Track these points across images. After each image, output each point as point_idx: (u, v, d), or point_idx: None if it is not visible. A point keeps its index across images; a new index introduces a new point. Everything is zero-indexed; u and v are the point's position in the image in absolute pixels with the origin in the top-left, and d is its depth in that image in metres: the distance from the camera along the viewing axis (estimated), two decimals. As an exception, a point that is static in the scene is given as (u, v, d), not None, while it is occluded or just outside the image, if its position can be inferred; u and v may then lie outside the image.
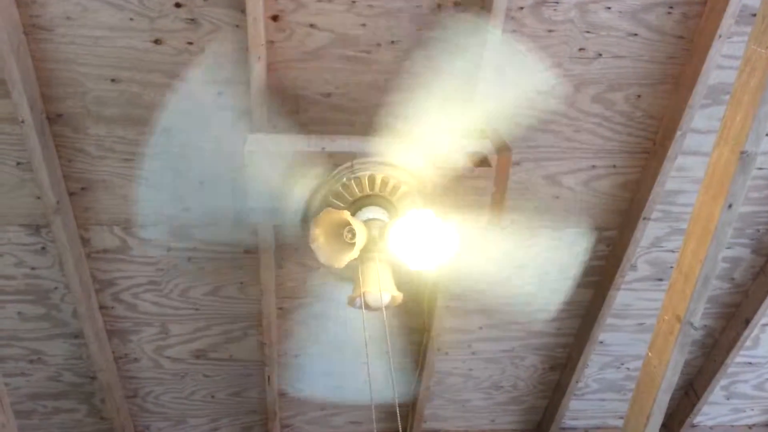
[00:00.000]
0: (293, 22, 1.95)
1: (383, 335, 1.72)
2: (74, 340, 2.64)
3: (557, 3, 1.97)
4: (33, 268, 2.41)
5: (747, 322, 2.84)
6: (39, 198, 2.19)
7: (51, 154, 2.11)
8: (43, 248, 2.35)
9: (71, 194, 2.24)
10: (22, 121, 1.96)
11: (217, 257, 2.48)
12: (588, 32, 2.04)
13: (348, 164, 1.92)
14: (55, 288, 2.47)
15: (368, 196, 1.91)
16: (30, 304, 2.52)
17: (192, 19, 1.92)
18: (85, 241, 2.37)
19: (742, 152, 1.68)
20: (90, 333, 2.53)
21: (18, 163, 2.14)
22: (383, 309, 1.76)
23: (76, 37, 1.92)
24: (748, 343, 2.96)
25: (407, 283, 2.24)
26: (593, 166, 2.35)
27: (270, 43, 1.97)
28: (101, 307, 2.57)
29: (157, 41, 1.95)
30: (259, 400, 3.00)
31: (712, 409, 3.33)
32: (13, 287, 2.46)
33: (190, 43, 1.96)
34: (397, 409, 1.83)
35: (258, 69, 1.97)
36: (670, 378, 2.02)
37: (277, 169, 1.92)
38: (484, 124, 2.14)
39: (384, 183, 1.90)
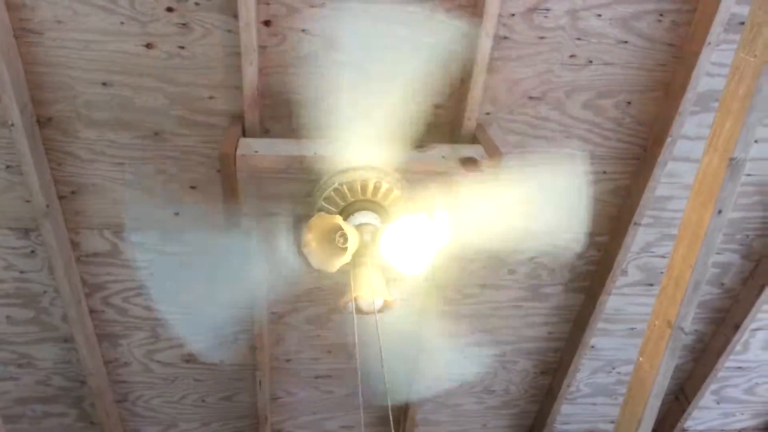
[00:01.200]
0: (286, 27, 1.95)
1: (375, 340, 1.72)
2: (64, 344, 2.63)
3: (548, 10, 1.98)
4: (22, 272, 2.40)
5: (737, 326, 2.86)
6: (28, 201, 2.18)
7: (41, 158, 2.10)
8: (33, 252, 2.34)
9: (61, 198, 2.23)
10: (12, 125, 1.95)
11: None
12: (579, 39, 2.05)
13: (340, 169, 1.92)
14: (45, 292, 2.46)
15: (360, 200, 1.91)
16: (19, 308, 2.51)
17: (184, 24, 1.92)
18: (75, 245, 2.36)
19: (731, 159, 1.69)
20: (80, 337, 2.52)
21: (7, 167, 2.12)
22: (375, 314, 1.76)
23: (66, 40, 1.92)
24: (738, 347, 2.97)
25: (399, 287, 2.25)
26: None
27: (262, 47, 1.97)
28: (91, 311, 2.55)
29: (148, 45, 1.95)
30: (250, 404, 2.99)
31: (703, 414, 3.34)
32: (2, 291, 2.45)
33: (182, 48, 1.96)
34: (390, 413, 1.83)
35: (250, 73, 1.96)
36: (660, 382, 2.03)
37: (269, 174, 1.92)
38: (476, 128, 2.15)
39: (376, 188, 1.90)
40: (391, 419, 1.77)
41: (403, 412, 3.08)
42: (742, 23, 2.00)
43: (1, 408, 2.79)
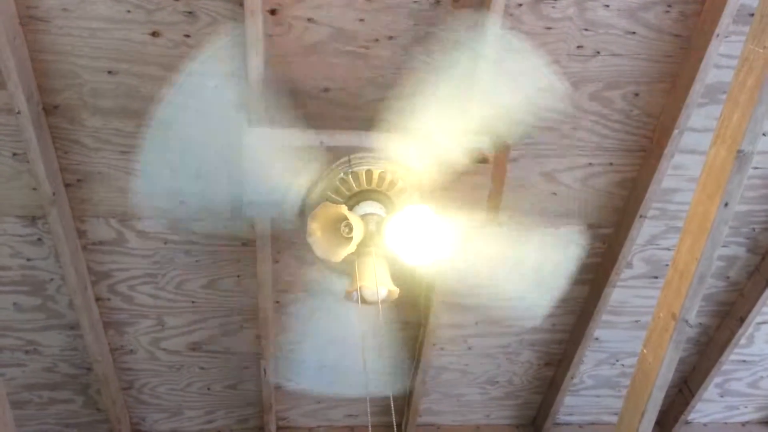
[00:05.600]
0: (291, 16, 1.95)
1: (379, 329, 1.73)
2: (70, 331, 2.65)
3: (556, 0, 1.97)
4: (29, 259, 2.41)
5: (742, 320, 2.85)
6: (35, 189, 2.19)
7: (47, 146, 2.10)
8: (39, 239, 2.35)
9: (67, 186, 2.24)
10: (18, 112, 1.96)
11: (213, 250, 2.48)
12: (586, 30, 2.04)
13: (345, 159, 1.92)
14: (51, 279, 2.47)
15: (366, 191, 1.91)
16: (26, 295, 2.52)
17: (190, 12, 1.92)
18: (81, 233, 2.37)
19: (739, 151, 1.69)
20: (86, 324, 2.54)
21: (14, 154, 2.13)
22: (379, 303, 1.76)
23: (72, 28, 1.92)
24: (742, 341, 2.97)
25: (403, 277, 2.25)
26: (590, 164, 2.36)
27: (268, 36, 1.97)
28: (97, 299, 2.57)
29: (154, 34, 1.95)
30: (255, 392, 3.01)
31: (706, 407, 3.35)
32: (8, 278, 2.46)
33: (188, 36, 1.96)
34: (392, 403, 1.84)
35: (256, 63, 1.96)
36: (664, 375, 2.03)
37: (275, 163, 1.92)
38: (483, 120, 2.14)
39: (381, 178, 1.90)
40: (393, 409, 1.78)
41: (406, 401, 3.10)
42: (752, 14, 1.98)
43: (8, 394, 2.81)
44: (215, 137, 2.16)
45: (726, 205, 1.75)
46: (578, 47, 2.07)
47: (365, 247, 1.82)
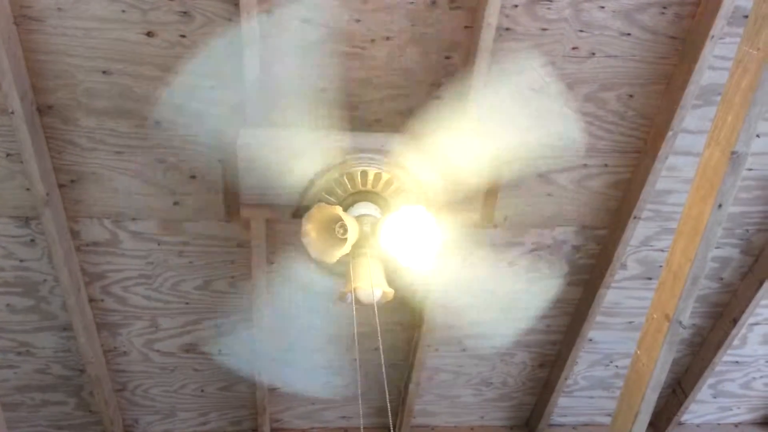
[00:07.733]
0: (287, 17, 1.94)
1: (374, 331, 1.72)
2: (63, 332, 2.63)
3: (551, 2, 1.97)
4: (22, 260, 2.40)
5: (735, 321, 2.86)
6: (28, 190, 2.18)
7: (41, 146, 2.09)
8: (32, 240, 2.34)
9: (61, 186, 2.23)
10: (12, 112, 1.95)
11: (208, 251, 2.47)
12: (581, 31, 2.05)
13: (341, 160, 1.92)
14: (44, 280, 2.46)
15: (361, 191, 1.91)
16: (19, 296, 2.51)
17: (185, 12, 1.91)
18: (74, 234, 2.36)
19: (733, 153, 1.69)
20: (79, 326, 2.52)
21: (7, 155, 2.12)
22: (374, 305, 1.76)
23: (67, 28, 1.91)
24: (735, 342, 2.98)
25: (398, 278, 2.24)
26: (585, 165, 2.36)
27: (264, 37, 1.96)
28: (90, 300, 2.55)
29: (149, 34, 1.94)
30: (248, 394, 3.00)
31: (700, 408, 3.36)
32: (1, 279, 2.45)
33: (183, 36, 1.95)
34: (388, 405, 1.84)
35: (252, 63, 1.96)
36: (658, 376, 2.04)
37: (271, 164, 1.92)
38: (477, 119, 2.14)
39: (376, 179, 1.90)
40: (389, 410, 1.78)
41: (400, 403, 3.09)
42: (746, 16, 1.99)
43: (0, 396, 2.80)
44: (211, 138, 2.16)
45: (720, 206, 1.76)
46: (573, 48, 2.08)
47: (360, 248, 1.81)
